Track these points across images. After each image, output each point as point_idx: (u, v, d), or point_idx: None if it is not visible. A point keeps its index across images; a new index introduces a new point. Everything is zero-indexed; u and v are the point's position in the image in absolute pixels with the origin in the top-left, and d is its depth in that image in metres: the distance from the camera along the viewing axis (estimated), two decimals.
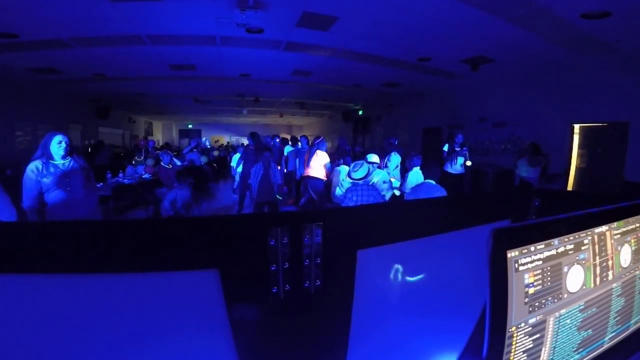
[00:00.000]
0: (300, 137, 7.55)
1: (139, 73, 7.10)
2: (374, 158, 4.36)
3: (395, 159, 5.24)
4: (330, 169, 5.49)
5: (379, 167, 4.67)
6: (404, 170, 4.89)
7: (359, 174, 3.36)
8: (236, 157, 6.78)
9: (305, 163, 5.73)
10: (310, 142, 6.48)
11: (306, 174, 5.65)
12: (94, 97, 9.79)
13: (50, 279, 0.64)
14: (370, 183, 3.50)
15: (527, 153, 5.39)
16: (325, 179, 5.51)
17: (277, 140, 7.75)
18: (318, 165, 5.54)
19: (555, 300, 0.64)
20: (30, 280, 0.63)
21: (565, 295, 0.65)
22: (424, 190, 3.27)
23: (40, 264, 0.63)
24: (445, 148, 6.07)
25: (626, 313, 0.77)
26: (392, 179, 4.68)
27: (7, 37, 4.58)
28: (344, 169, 4.73)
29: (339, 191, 4.12)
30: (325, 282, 0.78)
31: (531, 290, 0.60)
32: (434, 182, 3.47)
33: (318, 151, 5.58)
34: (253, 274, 0.74)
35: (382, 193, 3.61)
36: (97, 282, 0.66)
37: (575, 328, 0.68)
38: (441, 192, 3.22)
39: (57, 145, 2.63)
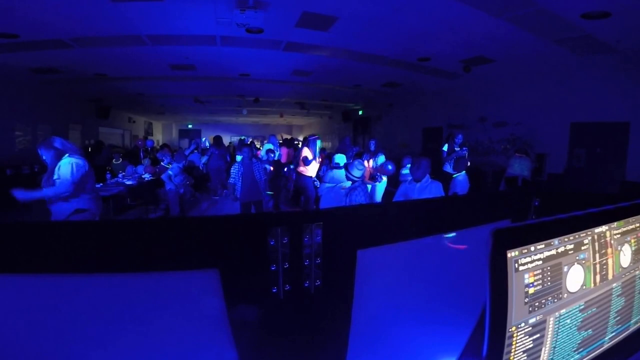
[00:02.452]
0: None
1: (139, 73, 7.10)
2: (342, 159, 4.42)
3: (381, 159, 5.35)
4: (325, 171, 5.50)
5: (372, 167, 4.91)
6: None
7: (360, 173, 3.38)
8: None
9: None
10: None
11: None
12: (94, 97, 9.79)
13: (50, 279, 0.64)
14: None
15: (515, 152, 5.55)
16: (310, 174, 5.51)
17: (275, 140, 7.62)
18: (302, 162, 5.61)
19: (555, 300, 0.64)
20: (30, 281, 0.63)
21: (565, 295, 0.65)
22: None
23: (40, 264, 0.63)
24: (445, 148, 6.07)
25: (626, 313, 0.76)
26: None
27: (8, 37, 4.58)
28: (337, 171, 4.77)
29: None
30: (325, 282, 0.78)
31: (531, 290, 0.60)
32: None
33: (304, 148, 5.64)
34: (253, 274, 0.74)
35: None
36: (97, 282, 0.66)
37: (575, 328, 0.68)
38: None
39: None
